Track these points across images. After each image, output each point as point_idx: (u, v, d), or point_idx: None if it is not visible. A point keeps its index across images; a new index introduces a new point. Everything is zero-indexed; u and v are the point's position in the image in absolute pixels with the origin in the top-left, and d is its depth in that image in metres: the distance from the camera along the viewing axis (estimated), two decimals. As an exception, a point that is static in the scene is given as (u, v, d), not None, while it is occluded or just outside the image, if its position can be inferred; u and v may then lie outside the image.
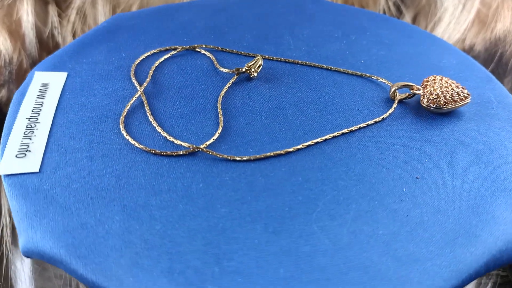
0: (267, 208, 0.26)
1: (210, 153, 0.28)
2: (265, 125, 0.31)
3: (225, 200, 0.26)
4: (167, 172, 0.27)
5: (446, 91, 0.32)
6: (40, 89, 0.33)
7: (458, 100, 0.32)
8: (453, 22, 0.46)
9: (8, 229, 0.36)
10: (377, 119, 0.32)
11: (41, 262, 0.34)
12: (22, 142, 0.29)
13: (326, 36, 0.40)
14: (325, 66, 0.36)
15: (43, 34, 0.46)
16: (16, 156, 0.28)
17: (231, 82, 0.34)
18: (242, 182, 0.27)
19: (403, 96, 0.33)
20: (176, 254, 0.23)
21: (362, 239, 0.24)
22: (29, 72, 0.35)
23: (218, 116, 0.31)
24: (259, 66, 0.35)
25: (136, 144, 0.29)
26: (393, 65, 0.37)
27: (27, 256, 0.24)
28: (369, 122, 0.31)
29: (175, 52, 0.37)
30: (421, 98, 0.32)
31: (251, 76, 0.35)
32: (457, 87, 0.32)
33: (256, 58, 0.36)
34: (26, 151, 0.28)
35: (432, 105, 0.32)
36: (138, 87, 0.33)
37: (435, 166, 0.29)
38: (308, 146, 0.29)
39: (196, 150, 0.29)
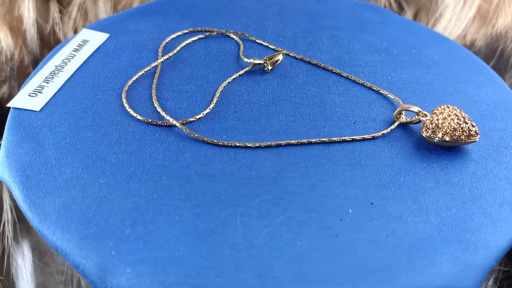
0: (206, 191, 0.26)
1: (184, 129, 0.30)
2: (252, 117, 0.31)
3: (173, 174, 0.27)
4: (138, 136, 0.29)
5: (450, 123, 0.29)
6: (79, 44, 0.37)
7: (461, 136, 0.29)
8: (454, 18, 0.46)
9: (9, 224, 0.35)
10: (366, 136, 0.30)
11: (43, 258, 0.34)
12: (39, 84, 0.33)
13: (367, 45, 0.38)
14: (344, 74, 0.35)
15: (44, 31, 0.46)
16: (29, 94, 0.32)
17: (243, 71, 0.35)
18: (198, 163, 0.28)
19: (407, 119, 0.31)
20: (104, 208, 0.25)
21: (275, 245, 0.24)
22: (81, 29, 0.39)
23: (213, 99, 0.33)
24: (276, 61, 0.35)
25: (127, 107, 0.31)
26: (421, 88, 0.34)
27: None
28: (356, 137, 0.30)
29: (209, 34, 0.39)
30: (422, 126, 0.30)
31: (265, 69, 0.35)
32: (466, 122, 0.29)
33: (276, 53, 0.36)
34: (39, 92, 0.33)
35: (428, 135, 0.29)
36: (159, 58, 0.36)
37: (399, 197, 0.26)
38: (278, 145, 0.29)
39: (173, 124, 0.30)
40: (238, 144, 0.29)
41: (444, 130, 0.29)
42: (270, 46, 0.38)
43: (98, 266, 0.23)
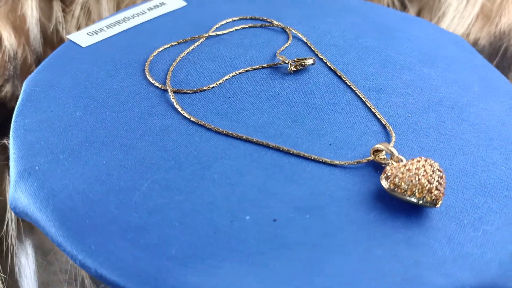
0: (162, 163, 0.28)
1: (172, 97, 0.32)
2: (243, 107, 0.32)
3: (132, 130, 0.30)
4: (137, 94, 0.33)
5: (411, 178, 0.26)
6: (155, 4, 0.42)
7: (416, 193, 0.25)
8: (457, 17, 0.46)
9: (13, 223, 0.35)
10: (327, 160, 0.29)
11: (46, 256, 0.34)
12: (100, 27, 0.39)
13: (410, 64, 0.36)
14: (359, 93, 0.33)
15: (48, 30, 0.46)
16: (87, 33, 0.38)
17: (267, 65, 0.36)
18: (172, 132, 0.30)
19: (380, 159, 0.28)
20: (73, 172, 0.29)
21: (155, 222, 0.25)
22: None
23: (220, 80, 0.34)
24: (301, 65, 0.35)
25: (146, 69, 0.35)
26: (439, 137, 0.31)
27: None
28: (317, 158, 0.29)
29: (269, 25, 0.40)
30: (384, 170, 0.27)
31: (288, 69, 0.35)
32: (430, 182, 0.26)
33: (306, 58, 0.36)
34: (96, 34, 0.38)
35: (382, 181, 0.26)
36: (205, 35, 0.39)
37: (310, 226, 0.25)
38: (248, 140, 0.29)
39: (165, 89, 0.33)
40: (217, 129, 0.30)
41: (400, 182, 0.26)
42: (316, 52, 0.37)
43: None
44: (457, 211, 0.26)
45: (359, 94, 0.34)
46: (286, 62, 0.35)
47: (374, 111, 0.32)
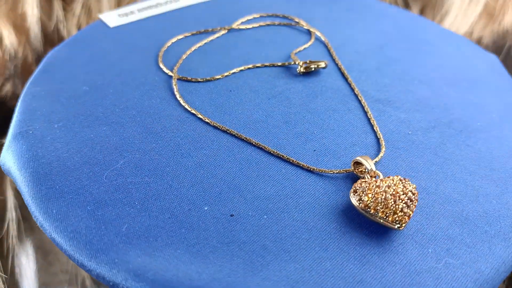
0: (143, 145, 0.29)
1: (174, 83, 0.33)
2: (241, 102, 0.32)
3: (130, 106, 0.31)
4: (145, 77, 0.34)
5: (378, 195, 0.25)
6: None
7: (380, 214, 0.24)
8: (461, 15, 0.46)
9: (14, 223, 0.35)
10: (304, 165, 0.28)
11: (47, 257, 0.34)
12: (132, 10, 0.41)
13: (430, 80, 0.35)
14: (363, 103, 0.32)
15: (48, 28, 0.46)
16: (118, 14, 0.40)
17: (276, 63, 0.36)
18: (164, 117, 0.31)
19: (358, 171, 0.27)
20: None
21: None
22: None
23: (227, 73, 0.35)
24: (312, 67, 0.35)
25: (160, 55, 0.36)
26: (432, 158, 0.29)
27: None
28: (294, 161, 0.28)
29: (295, 25, 0.40)
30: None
31: (297, 70, 0.35)
32: (396, 203, 0.24)
33: (319, 61, 0.35)
34: (126, 16, 0.40)
35: (351, 194, 0.26)
36: (227, 27, 0.39)
37: (263, 226, 0.25)
38: (234, 135, 0.30)
39: (171, 76, 0.34)
40: (200, 116, 0.31)
41: (366, 198, 0.25)
42: (336, 59, 0.37)
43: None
44: (425, 238, 0.25)
45: (363, 104, 0.32)
46: (297, 63, 0.35)
47: (372, 123, 0.31)
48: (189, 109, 0.31)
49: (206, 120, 0.31)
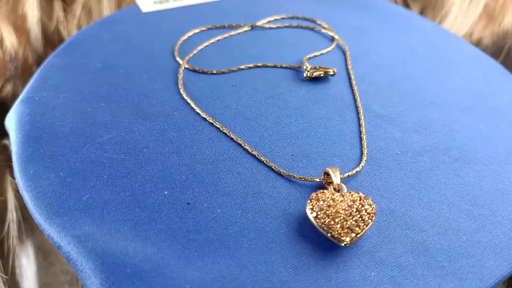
0: (130, 123, 0.31)
1: (181, 69, 0.34)
2: (238, 98, 0.33)
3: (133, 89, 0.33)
4: (155, 64, 0.36)
5: (333, 207, 0.24)
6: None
7: (327, 228, 0.24)
8: (461, 16, 0.46)
9: (14, 224, 0.35)
10: (274, 167, 0.28)
11: (47, 257, 0.34)
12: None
13: (444, 103, 0.33)
14: (360, 115, 0.32)
15: (49, 29, 0.46)
16: (154, 1, 0.42)
17: (285, 65, 0.36)
18: (159, 101, 0.32)
19: (326, 182, 0.27)
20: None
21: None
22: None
23: (235, 68, 0.35)
24: (317, 73, 0.34)
25: (176, 47, 0.37)
26: (413, 181, 0.28)
27: None
28: (266, 161, 0.28)
29: (320, 29, 0.40)
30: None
31: (304, 74, 0.35)
32: (345, 220, 0.24)
33: (328, 68, 0.35)
34: (161, 3, 0.42)
35: (307, 206, 0.25)
36: (251, 24, 0.40)
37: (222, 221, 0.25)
38: (218, 128, 0.30)
39: (181, 64, 0.35)
40: (193, 105, 0.32)
41: (318, 209, 0.24)
42: (349, 69, 0.36)
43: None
44: (372, 260, 0.24)
45: (360, 116, 0.32)
46: (305, 67, 0.35)
47: (362, 137, 0.30)
48: (185, 97, 0.32)
49: (197, 110, 0.31)
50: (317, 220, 0.24)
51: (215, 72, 0.35)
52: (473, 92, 0.34)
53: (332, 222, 0.24)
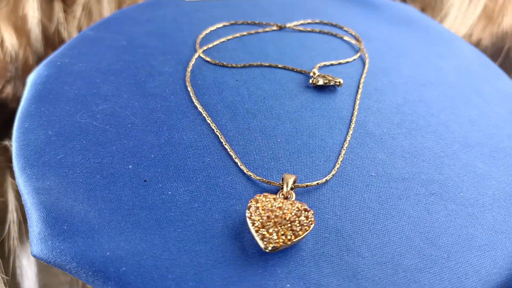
0: (124, 102, 0.33)
1: (191, 62, 0.36)
2: (237, 93, 0.33)
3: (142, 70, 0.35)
4: (173, 51, 0.38)
5: (267, 213, 0.24)
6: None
7: (253, 227, 0.24)
8: (460, 17, 0.45)
9: (15, 225, 0.35)
10: (238, 163, 0.28)
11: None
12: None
13: (453, 133, 0.31)
14: (350, 129, 0.31)
15: (49, 31, 0.46)
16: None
17: (294, 68, 0.35)
18: (161, 85, 0.34)
19: (291, 187, 0.27)
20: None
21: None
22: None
23: (245, 64, 0.36)
24: (322, 81, 0.34)
25: (198, 40, 0.39)
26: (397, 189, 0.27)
27: None
28: (234, 156, 0.29)
29: (346, 38, 0.39)
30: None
31: (310, 81, 0.34)
32: (275, 225, 0.23)
33: (335, 78, 0.34)
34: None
35: (246, 212, 0.25)
36: (279, 24, 0.40)
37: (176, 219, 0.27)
38: (206, 121, 0.31)
39: (196, 54, 0.37)
40: (191, 93, 0.33)
41: (254, 211, 0.24)
42: (361, 82, 0.35)
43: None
44: (294, 274, 0.23)
45: (349, 130, 0.31)
46: (311, 74, 0.34)
47: (341, 152, 0.29)
48: (187, 84, 0.34)
49: (192, 97, 0.33)
50: (249, 221, 0.24)
51: (225, 64, 0.36)
52: (487, 130, 0.31)
53: (261, 226, 0.24)
